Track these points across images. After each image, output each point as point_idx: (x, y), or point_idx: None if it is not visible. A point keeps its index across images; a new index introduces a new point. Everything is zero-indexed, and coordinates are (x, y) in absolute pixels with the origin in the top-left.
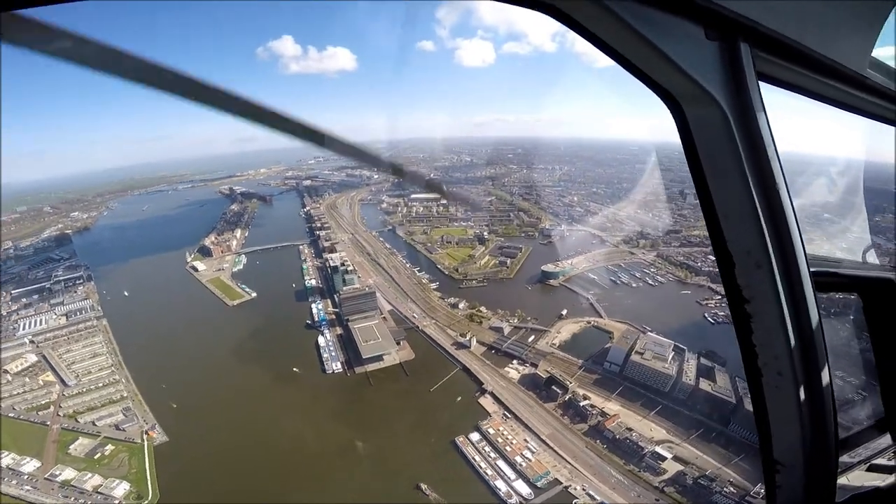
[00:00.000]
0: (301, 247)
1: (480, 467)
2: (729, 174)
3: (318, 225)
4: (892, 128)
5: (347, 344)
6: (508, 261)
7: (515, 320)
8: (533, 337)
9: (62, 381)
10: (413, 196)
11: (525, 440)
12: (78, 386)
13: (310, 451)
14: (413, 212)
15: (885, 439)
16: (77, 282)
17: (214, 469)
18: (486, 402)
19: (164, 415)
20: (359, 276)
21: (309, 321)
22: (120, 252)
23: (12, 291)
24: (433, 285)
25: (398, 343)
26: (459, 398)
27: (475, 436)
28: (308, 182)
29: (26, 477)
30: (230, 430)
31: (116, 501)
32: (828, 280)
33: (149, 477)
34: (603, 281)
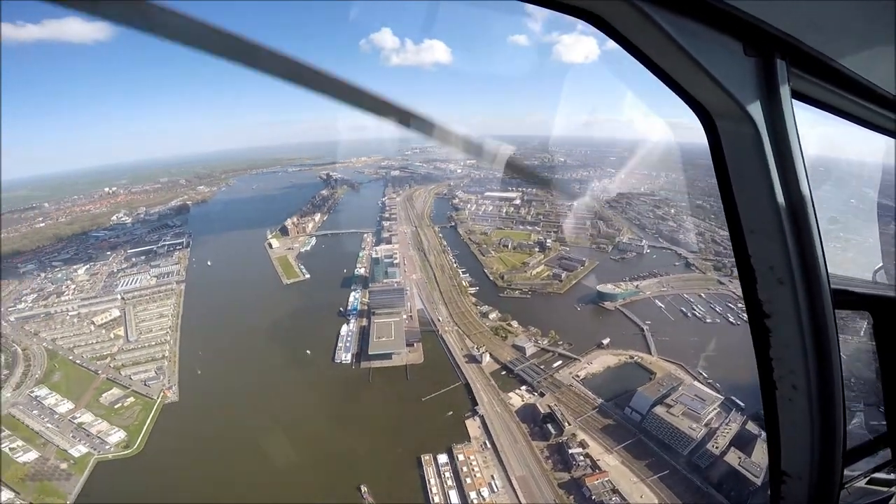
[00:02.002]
0: (365, 235)
1: (431, 491)
2: (758, 190)
3: (388, 215)
4: None
5: (363, 337)
6: (564, 274)
7: (545, 341)
8: (560, 363)
9: (126, 336)
10: (487, 193)
11: (492, 476)
12: (136, 342)
13: (278, 431)
14: (482, 210)
15: (886, 453)
16: (177, 248)
17: (198, 431)
18: (472, 425)
19: (187, 378)
20: (403, 271)
21: (342, 308)
22: (221, 224)
23: (128, 251)
24: (472, 289)
25: (411, 345)
26: (450, 413)
27: (443, 457)
28: (396, 172)
29: (56, 416)
30: (228, 399)
31: (107, 447)
32: (842, 297)
33: (144, 430)
34: (671, 310)
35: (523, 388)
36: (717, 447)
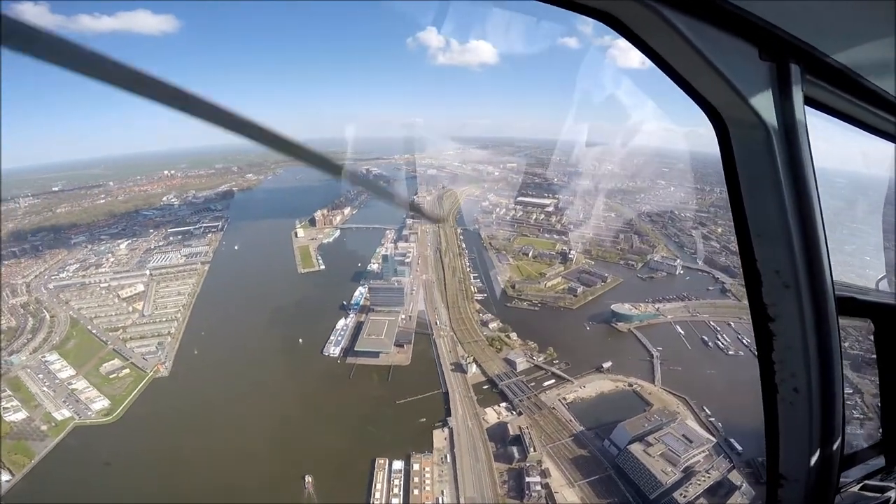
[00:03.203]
0: (388, 231)
1: (374, 495)
2: (767, 194)
3: (412, 213)
4: None
5: (357, 333)
6: (581, 289)
7: (540, 358)
8: (551, 382)
9: (142, 311)
10: (520, 198)
11: (441, 492)
12: (149, 317)
13: (245, 414)
14: (510, 215)
15: (880, 460)
16: (212, 231)
17: (174, 406)
18: (439, 436)
19: (182, 356)
20: (414, 270)
21: (345, 302)
22: (259, 211)
23: (168, 230)
24: (479, 296)
25: (401, 346)
26: (422, 420)
27: (398, 464)
28: (433, 171)
29: (56, 381)
30: (212, 379)
31: (90, 413)
32: (846, 305)
33: (127, 401)
34: (691, 338)
35: (503, 404)
36: (684, 496)
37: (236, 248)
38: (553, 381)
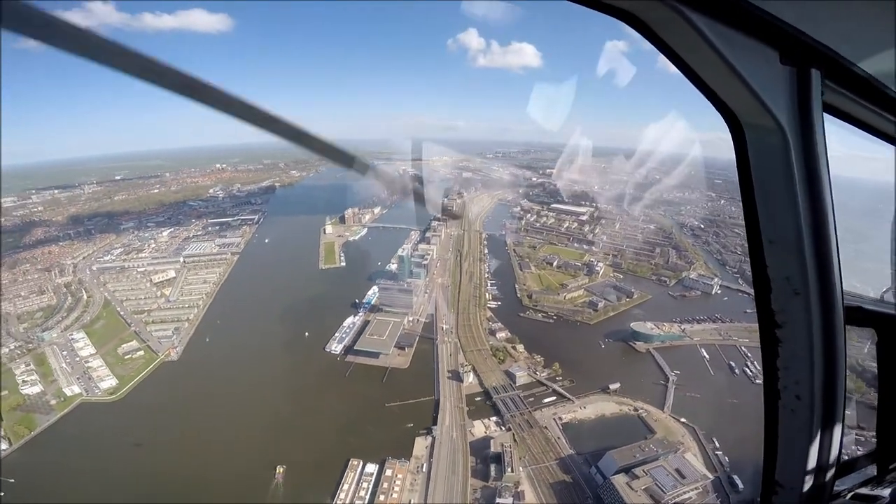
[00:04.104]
0: (413, 232)
1: (339, 495)
2: (781, 200)
3: (440, 215)
4: None
5: (361, 332)
6: (602, 304)
7: (544, 373)
8: (552, 399)
9: (168, 296)
10: (554, 205)
11: (409, 501)
12: (174, 302)
13: (238, 401)
14: (541, 222)
15: (871, 470)
16: (247, 223)
17: (175, 390)
18: (421, 444)
19: (195, 342)
20: (431, 273)
21: (357, 300)
22: (296, 207)
23: (208, 220)
24: (493, 303)
25: (402, 348)
26: (409, 425)
27: (372, 467)
28: (469, 174)
29: (77, 359)
30: (216, 366)
31: (97, 391)
32: (853, 314)
33: (134, 381)
34: (716, 363)
35: (493, 418)
36: None
37: (266, 241)
38: (554, 398)
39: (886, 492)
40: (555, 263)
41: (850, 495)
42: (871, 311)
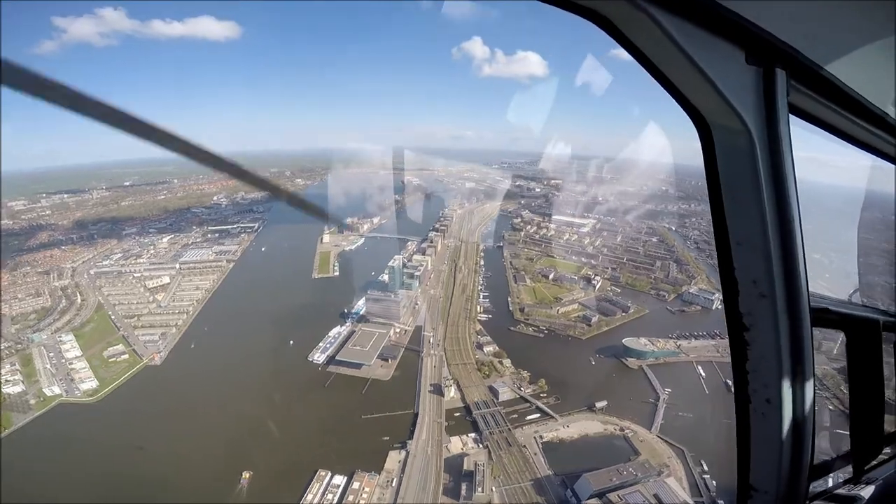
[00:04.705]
0: (410, 243)
1: None
2: (748, 202)
3: (439, 226)
4: None
5: (345, 342)
6: (597, 318)
7: (528, 390)
8: (535, 417)
9: (160, 301)
10: (555, 217)
11: None
12: (165, 308)
13: (213, 407)
14: (541, 233)
15: (847, 470)
16: (246, 231)
17: (153, 394)
18: (394, 458)
19: (180, 348)
20: (424, 284)
21: (346, 310)
22: (296, 216)
23: (209, 228)
24: (484, 316)
25: (385, 360)
26: (385, 438)
27: (339, 479)
28: (472, 184)
29: (62, 360)
30: (198, 372)
31: (77, 392)
32: (821, 315)
33: (114, 384)
34: (712, 381)
35: (471, 434)
36: None
37: (263, 249)
38: (537, 415)
39: (863, 491)
40: (551, 276)
41: (826, 496)
42: (839, 313)
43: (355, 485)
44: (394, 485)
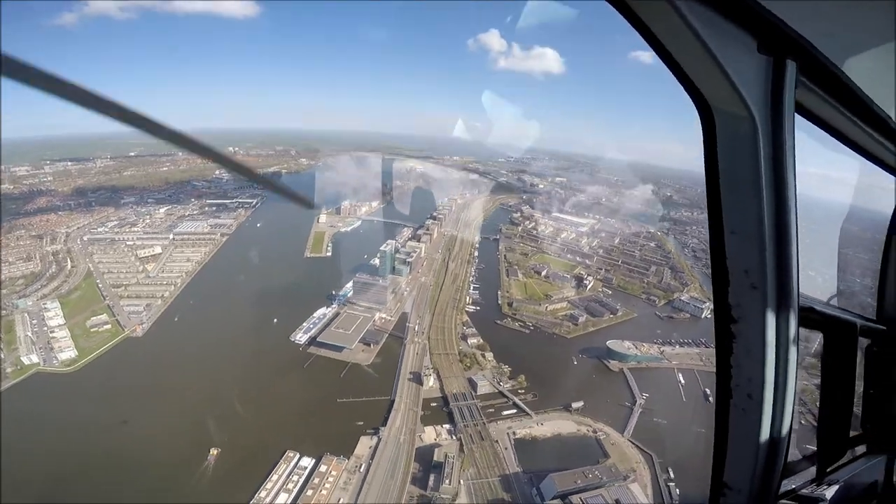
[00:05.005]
0: (405, 229)
1: (266, 486)
2: (745, 190)
3: (436, 214)
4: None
5: (329, 324)
6: (584, 317)
7: (507, 385)
8: (511, 412)
9: (150, 272)
10: (555, 214)
11: (339, 500)
12: (153, 278)
13: (188, 382)
14: (538, 230)
15: (811, 471)
16: (244, 206)
17: (132, 366)
18: (364, 443)
19: (163, 320)
20: (416, 271)
21: (333, 292)
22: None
23: (208, 201)
24: (471, 307)
25: (368, 345)
26: (360, 423)
27: (307, 461)
28: (475, 176)
29: (44, 328)
30: (178, 344)
31: (55, 362)
32: (806, 315)
33: (94, 355)
34: (691, 389)
35: (446, 426)
36: None
37: (258, 225)
38: (513, 411)
39: (826, 492)
40: (543, 273)
41: (791, 496)
42: (822, 314)
43: (322, 468)
44: (362, 470)
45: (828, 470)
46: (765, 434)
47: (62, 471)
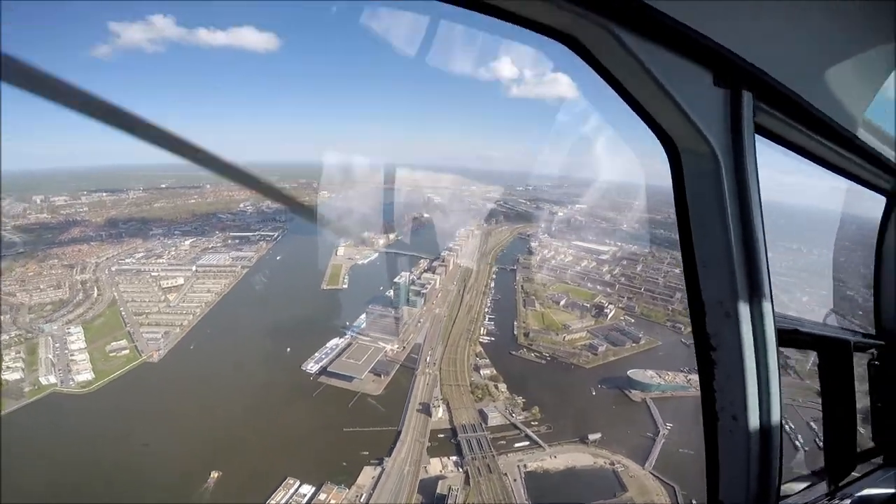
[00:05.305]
0: (422, 261)
1: None
2: (713, 222)
3: (453, 245)
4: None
5: (339, 354)
6: (604, 347)
7: (520, 417)
8: (523, 445)
9: (171, 301)
10: (575, 242)
11: None
12: (173, 308)
13: (195, 407)
14: (557, 259)
15: (822, 487)
16: (265, 239)
17: (144, 390)
18: (367, 473)
19: (179, 348)
20: (430, 303)
21: (348, 323)
22: (313, 227)
23: (231, 234)
24: (485, 338)
25: (378, 375)
26: (365, 453)
27: (307, 489)
28: (492, 206)
29: (65, 351)
30: (190, 371)
31: (72, 383)
32: (790, 336)
33: (109, 378)
34: None
35: (453, 458)
36: None
37: (278, 258)
38: (527, 443)
39: None
40: (562, 302)
41: None
42: (809, 334)
43: (322, 496)
44: (362, 500)
45: (840, 484)
46: (754, 453)
47: (63, 479)
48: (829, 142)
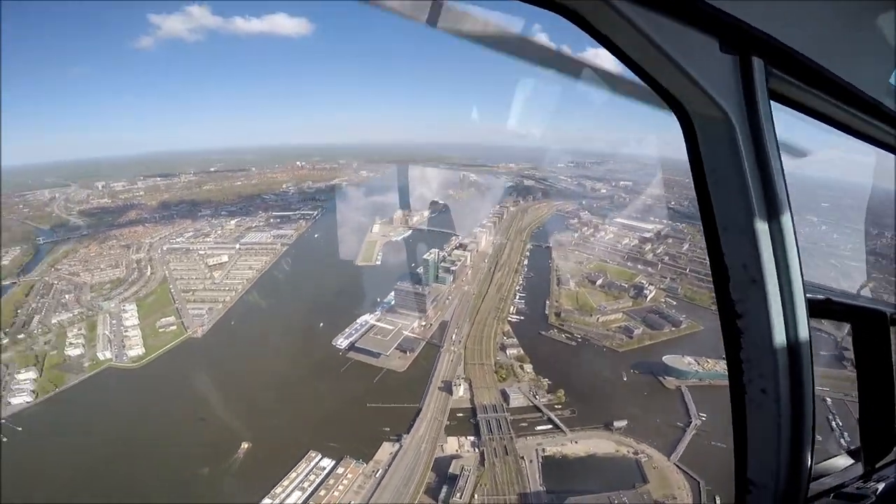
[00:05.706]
0: (454, 238)
1: (283, 483)
2: (732, 187)
3: (486, 222)
4: None
5: (368, 330)
6: (641, 330)
7: (544, 399)
8: (544, 428)
9: (216, 278)
10: (616, 219)
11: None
12: (218, 284)
13: (231, 379)
14: (597, 236)
15: (857, 468)
16: (305, 218)
17: (185, 364)
18: (385, 449)
19: (221, 323)
20: (460, 280)
21: (379, 299)
22: (353, 205)
23: (273, 213)
24: (514, 317)
25: (404, 352)
26: (386, 429)
27: (326, 462)
28: (531, 182)
29: (120, 327)
30: (229, 346)
31: (124, 358)
32: (822, 307)
33: (157, 353)
34: None
35: (470, 437)
36: None
37: (316, 236)
38: (549, 427)
39: (872, 490)
40: (598, 282)
41: (833, 494)
42: (843, 304)
43: (340, 470)
44: (378, 475)
45: (877, 466)
46: (784, 429)
47: (108, 452)
48: (851, 108)
